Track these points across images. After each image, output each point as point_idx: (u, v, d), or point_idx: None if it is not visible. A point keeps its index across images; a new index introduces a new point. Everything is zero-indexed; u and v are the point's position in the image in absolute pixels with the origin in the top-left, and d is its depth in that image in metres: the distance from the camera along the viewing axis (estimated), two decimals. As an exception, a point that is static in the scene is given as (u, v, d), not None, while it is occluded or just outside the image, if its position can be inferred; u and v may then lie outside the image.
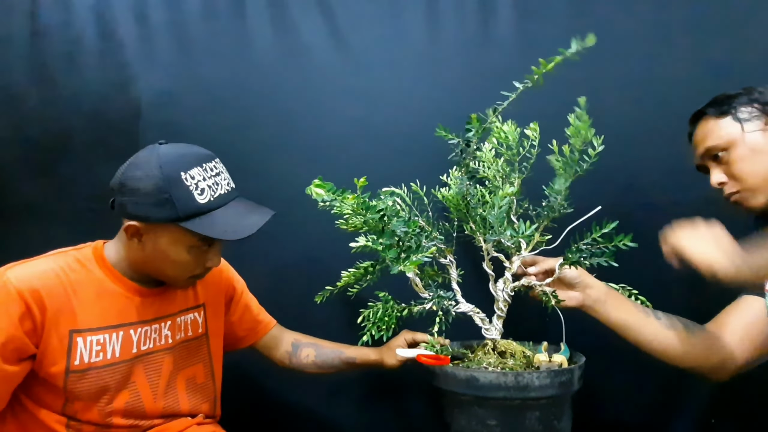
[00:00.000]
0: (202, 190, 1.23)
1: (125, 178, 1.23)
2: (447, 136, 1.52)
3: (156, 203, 1.19)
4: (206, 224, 1.21)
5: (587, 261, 1.33)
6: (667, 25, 1.70)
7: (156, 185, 1.19)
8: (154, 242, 1.24)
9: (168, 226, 1.22)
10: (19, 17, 1.82)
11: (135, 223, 1.22)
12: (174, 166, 1.21)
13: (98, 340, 1.23)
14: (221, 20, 1.84)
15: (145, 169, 1.22)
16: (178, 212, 1.19)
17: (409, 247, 1.15)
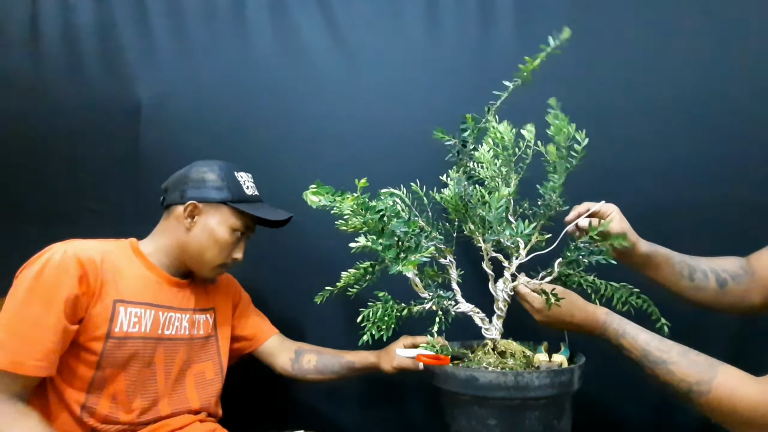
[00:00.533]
0: (248, 186, 1.52)
1: (190, 173, 1.49)
2: (444, 137, 1.52)
3: (216, 188, 1.47)
4: (251, 208, 1.48)
5: (585, 259, 1.33)
6: (667, 25, 1.70)
7: (218, 174, 1.48)
8: (204, 221, 1.46)
9: (221, 207, 1.47)
10: (19, 17, 1.83)
11: (195, 202, 1.45)
12: (229, 166, 1.52)
13: (136, 313, 1.37)
14: (221, 20, 1.84)
15: (209, 165, 1.50)
16: (232, 195, 1.47)
17: (408, 248, 1.15)
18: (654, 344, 1.15)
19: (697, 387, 1.05)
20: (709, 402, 1.03)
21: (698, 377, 1.05)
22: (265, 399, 1.81)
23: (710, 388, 1.03)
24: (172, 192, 1.49)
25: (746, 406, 0.99)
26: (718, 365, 1.06)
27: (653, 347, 1.14)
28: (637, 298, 1.36)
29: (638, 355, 1.16)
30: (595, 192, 1.57)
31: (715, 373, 1.04)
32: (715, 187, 1.60)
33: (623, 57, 1.72)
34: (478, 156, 1.45)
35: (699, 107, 1.66)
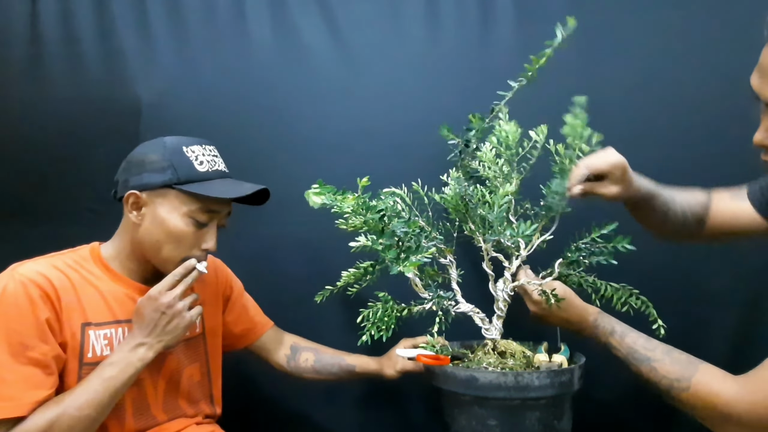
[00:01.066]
0: (201, 162, 1.30)
1: (131, 157, 1.33)
2: (449, 136, 1.52)
3: (158, 170, 1.27)
4: (203, 188, 1.27)
5: (586, 260, 1.33)
6: (667, 25, 1.70)
7: (160, 154, 1.28)
8: (153, 212, 1.27)
9: (167, 192, 1.27)
10: (19, 17, 1.82)
11: (135, 192, 1.27)
12: (177, 141, 1.31)
13: (105, 335, 1.26)
14: (221, 20, 1.84)
15: (150, 145, 1.32)
16: (178, 176, 1.26)
17: (408, 248, 1.15)
18: (640, 343, 1.18)
19: (677, 384, 1.07)
20: (688, 398, 1.05)
21: (678, 374, 1.08)
22: (265, 399, 1.81)
23: (689, 385, 1.05)
24: (119, 184, 1.33)
25: (724, 403, 1.00)
26: (698, 363, 1.08)
27: (639, 345, 1.17)
28: (636, 299, 1.36)
29: (624, 353, 1.19)
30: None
31: (695, 370, 1.07)
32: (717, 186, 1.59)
33: (623, 57, 1.72)
34: (481, 155, 1.45)
35: (699, 107, 1.66)
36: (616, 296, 1.37)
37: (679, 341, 1.18)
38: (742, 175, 1.51)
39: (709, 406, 1.02)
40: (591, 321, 1.27)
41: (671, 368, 1.10)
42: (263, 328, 1.62)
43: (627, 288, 1.39)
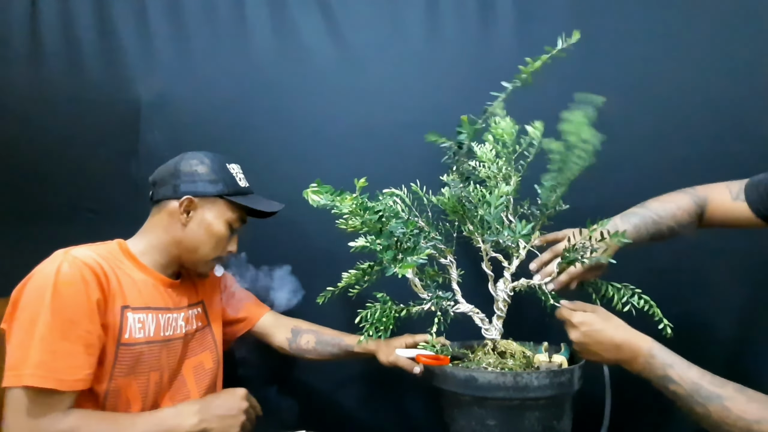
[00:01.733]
0: (240, 178, 1.50)
1: (181, 165, 1.45)
2: (438, 140, 1.51)
3: (210, 181, 1.44)
4: (248, 201, 1.47)
5: (585, 258, 1.32)
6: (667, 25, 1.70)
7: (210, 167, 1.45)
8: (201, 216, 1.43)
9: (216, 200, 1.44)
10: (19, 17, 1.83)
11: (189, 197, 1.42)
12: (220, 158, 1.49)
13: (140, 318, 1.35)
14: (221, 20, 1.84)
15: (198, 158, 1.46)
16: (228, 188, 1.45)
17: (406, 249, 1.15)
18: (707, 378, 1.07)
19: (758, 426, 0.97)
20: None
21: (758, 415, 0.98)
22: (265, 399, 1.81)
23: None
24: (163, 186, 1.45)
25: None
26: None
27: (706, 381, 1.06)
28: (638, 299, 1.34)
29: (687, 390, 1.07)
30: (595, 191, 1.57)
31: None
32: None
33: (623, 57, 1.71)
34: (480, 155, 1.45)
35: (699, 107, 1.66)
36: (617, 296, 1.35)
37: (679, 341, 1.17)
38: (741, 175, 1.51)
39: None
40: (646, 349, 1.14)
41: (748, 407, 0.99)
42: (261, 312, 1.69)
43: (629, 287, 1.37)
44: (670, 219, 1.36)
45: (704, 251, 1.59)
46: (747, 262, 1.63)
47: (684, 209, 1.37)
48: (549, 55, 1.22)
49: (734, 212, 1.33)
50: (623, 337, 1.17)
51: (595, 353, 1.21)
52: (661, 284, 1.48)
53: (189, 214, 1.43)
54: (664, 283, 1.50)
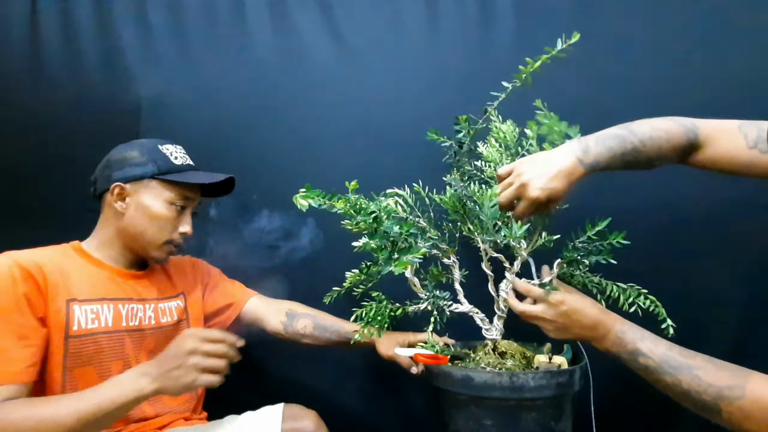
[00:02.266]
0: (176, 157, 1.46)
1: (110, 157, 1.46)
2: (438, 139, 1.51)
3: (139, 164, 1.42)
4: (182, 177, 1.43)
5: (585, 259, 1.31)
6: (667, 26, 1.69)
7: (139, 151, 1.44)
8: (137, 201, 1.41)
9: (149, 182, 1.42)
10: (19, 17, 1.83)
11: (121, 184, 1.41)
12: (152, 141, 1.48)
13: (92, 309, 1.34)
14: (221, 21, 1.84)
15: (127, 146, 1.46)
16: (158, 167, 1.42)
17: (402, 248, 1.15)
18: (676, 350, 1.08)
19: (729, 391, 0.97)
20: (742, 407, 0.96)
21: (729, 381, 0.98)
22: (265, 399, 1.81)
23: (744, 393, 0.96)
24: (99, 180, 1.46)
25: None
26: (748, 371, 0.99)
27: (676, 352, 1.07)
28: (645, 299, 1.32)
29: (657, 361, 1.08)
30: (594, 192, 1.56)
31: (748, 377, 0.98)
32: (714, 187, 1.58)
33: (623, 56, 1.71)
34: (486, 155, 1.45)
35: (700, 107, 1.64)
36: (623, 296, 1.34)
37: (679, 341, 1.16)
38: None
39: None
40: (618, 326, 1.16)
41: (719, 374, 1.00)
42: (245, 297, 1.66)
43: (635, 288, 1.36)
44: (654, 150, 1.22)
45: (703, 251, 1.58)
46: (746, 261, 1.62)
47: (673, 144, 1.23)
48: (548, 56, 1.22)
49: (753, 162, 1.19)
50: (598, 315, 1.18)
51: (569, 331, 1.20)
52: (660, 284, 1.47)
53: (125, 201, 1.42)
54: (662, 283, 1.48)
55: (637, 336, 1.13)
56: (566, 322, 1.19)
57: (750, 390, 0.96)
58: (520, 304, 1.25)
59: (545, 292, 1.21)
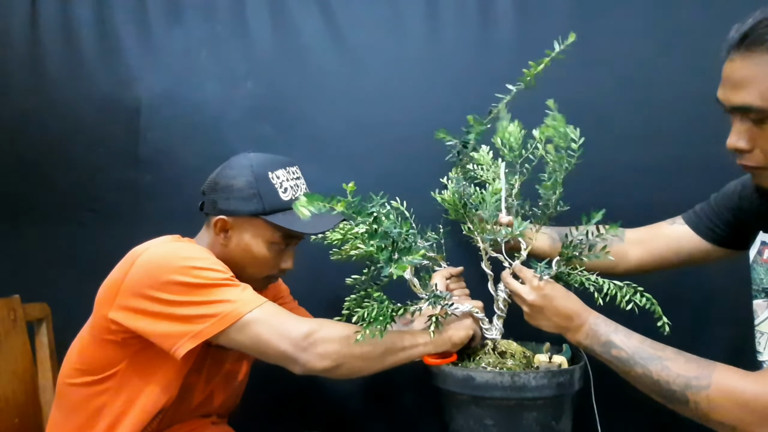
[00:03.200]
0: (285, 189, 1.36)
1: (219, 178, 1.37)
2: (446, 138, 1.51)
3: (245, 198, 1.33)
4: (287, 219, 1.33)
5: (582, 256, 1.32)
6: (667, 26, 1.69)
7: (247, 181, 1.33)
8: (239, 237, 1.35)
9: (253, 220, 1.34)
10: (19, 18, 1.83)
11: (224, 218, 1.34)
12: (263, 167, 1.35)
13: None
14: (221, 20, 1.84)
15: (238, 169, 1.36)
16: (264, 206, 1.33)
17: (402, 249, 1.15)
18: (648, 342, 1.12)
19: (696, 381, 1.01)
20: (709, 396, 0.99)
21: (696, 372, 1.01)
22: (266, 399, 1.81)
23: (710, 382, 0.99)
24: (207, 200, 1.39)
25: (750, 397, 0.95)
26: (714, 362, 1.03)
27: (647, 345, 1.11)
28: (641, 296, 1.33)
29: (629, 353, 1.11)
30: (594, 191, 1.57)
31: (714, 367, 1.01)
32: (714, 186, 1.59)
33: (623, 56, 1.71)
34: (478, 158, 1.45)
35: (699, 107, 1.65)
36: (620, 294, 1.34)
37: (678, 341, 1.16)
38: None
39: (733, 404, 0.97)
40: (591, 319, 1.20)
41: (687, 366, 1.03)
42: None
43: (631, 286, 1.36)
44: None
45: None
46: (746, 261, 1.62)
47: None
48: (549, 58, 1.22)
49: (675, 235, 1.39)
50: (575, 307, 1.22)
51: (545, 318, 1.24)
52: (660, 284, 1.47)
53: (227, 234, 1.36)
54: (662, 283, 1.49)
55: (610, 329, 1.16)
56: (545, 305, 1.23)
57: (716, 379, 0.99)
58: (508, 276, 1.32)
59: (534, 274, 1.26)
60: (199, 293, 1.22)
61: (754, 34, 0.97)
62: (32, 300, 1.60)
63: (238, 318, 1.20)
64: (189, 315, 1.21)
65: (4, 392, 1.50)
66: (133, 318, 1.23)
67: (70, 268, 1.73)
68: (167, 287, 1.21)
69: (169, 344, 1.21)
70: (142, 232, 1.48)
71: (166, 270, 1.22)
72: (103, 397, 1.28)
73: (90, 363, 1.30)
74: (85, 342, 1.32)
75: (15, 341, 1.55)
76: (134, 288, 1.23)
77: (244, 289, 1.26)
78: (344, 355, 1.24)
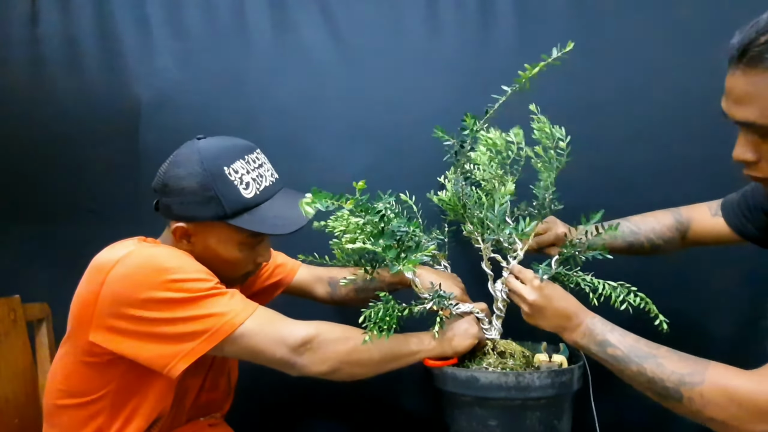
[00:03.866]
0: (246, 184, 1.22)
1: (167, 178, 1.23)
2: (443, 137, 1.52)
3: (202, 201, 1.19)
4: (255, 220, 1.22)
5: (582, 255, 1.34)
6: (667, 26, 1.70)
7: (200, 183, 1.19)
8: (203, 242, 1.24)
9: (216, 224, 1.22)
10: (19, 18, 1.83)
11: (183, 225, 1.22)
12: (216, 162, 1.20)
13: None
14: (221, 20, 1.84)
15: (187, 166, 1.21)
16: (225, 209, 1.19)
17: (409, 247, 1.16)
18: (643, 342, 1.13)
19: (690, 378, 1.02)
20: (702, 393, 1.00)
21: (691, 369, 1.03)
22: (266, 400, 1.81)
23: (704, 379, 1.00)
24: (162, 203, 1.27)
25: (744, 394, 0.96)
26: (708, 361, 1.04)
27: (642, 344, 1.12)
28: (635, 296, 1.34)
29: (625, 351, 1.12)
30: (594, 191, 1.58)
31: (707, 364, 1.03)
32: (715, 186, 1.60)
33: (623, 56, 1.71)
34: (475, 158, 1.46)
35: (699, 107, 1.66)
36: (614, 294, 1.35)
37: (677, 341, 1.17)
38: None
39: (726, 400, 0.98)
40: (588, 319, 1.21)
41: (681, 363, 1.05)
42: (295, 269, 1.60)
43: (625, 286, 1.37)
44: (649, 231, 1.46)
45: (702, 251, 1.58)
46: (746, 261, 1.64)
47: (664, 224, 1.45)
48: (545, 63, 1.23)
49: (715, 228, 1.41)
50: (575, 308, 1.24)
51: (545, 318, 1.26)
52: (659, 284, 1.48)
53: (190, 239, 1.25)
54: (661, 283, 1.50)
55: (606, 328, 1.18)
56: (544, 305, 1.25)
57: (709, 376, 1.00)
58: (510, 276, 1.33)
59: (534, 275, 1.28)
60: (185, 309, 1.13)
61: (752, 51, 0.96)
62: (32, 300, 1.60)
63: (231, 331, 1.14)
64: (178, 333, 1.13)
65: (4, 392, 1.49)
66: (115, 340, 1.15)
67: (70, 268, 1.71)
68: (149, 305, 1.13)
69: (161, 365, 1.14)
70: (142, 232, 1.48)
71: (145, 286, 1.13)
72: (98, 419, 1.22)
73: (77, 385, 1.22)
74: (68, 364, 1.24)
75: (15, 341, 1.54)
76: (112, 307, 1.14)
77: (231, 296, 1.18)
78: (342, 360, 1.22)
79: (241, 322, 1.15)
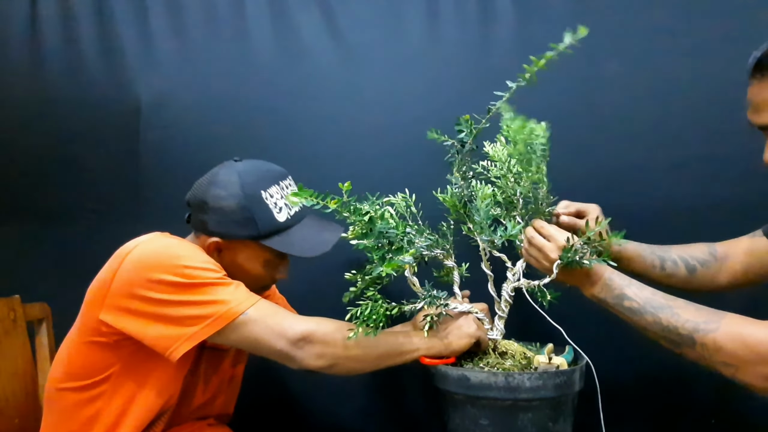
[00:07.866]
0: (280, 208, 1.33)
1: (208, 197, 1.32)
2: (439, 138, 1.51)
3: (239, 222, 1.30)
4: (285, 242, 1.32)
5: (585, 260, 1.31)
6: (667, 26, 1.68)
7: (239, 204, 1.29)
8: (232, 257, 1.34)
9: (248, 242, 1.32)
10: (19, 18, 1.84)
11: (217, 240, 1.31)
12: (255, 186, 1.32)
13: None
14: (221, 20, 1.84)
15: (228, 188, 1.31)
16: (259, 230, 1.30)
17: (398, 248, 1.15)
18: (659, 294, 1.16)
19: (705, 325, 1.05)
20: (716, 339, 1.03)
21: (706, 317, 1.06)
22: (266, 399, 1.81)
23: (719, 326, 1.04)
24: (194, 215, 1.36)
25: (756, 339, 0.99)
26: (724, 312, 1.08)
27: (659, 296, 1.15)
28: None
29: (641, 303, 1.15)
30: (594, 191, 1.56)
31: (724, 314, 1.06)
32: (714, 187, 1.58)
33: (624, 56, 1.70)
34: (492, 154, 1.45)
35: (699, 107, 1.64)
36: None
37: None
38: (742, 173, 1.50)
39: (739, 345, 1.01)
40: (606, 274, 1.23)
41: (697, 312, 1.08)
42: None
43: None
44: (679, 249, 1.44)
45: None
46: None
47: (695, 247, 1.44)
48: (555, 52, 1.21)
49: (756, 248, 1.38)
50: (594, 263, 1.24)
51: (566, 274, 1.26)
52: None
53: (220, 253, 1.34)
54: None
55: (624, 282, 1.20)
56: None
57: (725, 323, 1.04)
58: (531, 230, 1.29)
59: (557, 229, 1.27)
60: (191, 293, 1.20)
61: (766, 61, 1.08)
62: (32, 300, 1.61)
63: (233, 318, 1.20)
64: (182, 316, 1.19)
65: (4, 392, 1.50)
66: (124, 319, 1.21)
67: (70, 268, 1.73)
68: (158, 286, 1.19)
69: (164, 347, 1.20)
70: (142, 232, 1.48)
71: (157, 268, 1.20)
72: (97, 403, 1.26)
73: (81, 367, 1.27)
74: (74, 345, 1.29)
75: (15, 341, 1.55)
76: (124, 287, 1.21)
77: (237, 287, 1.25)
78: (339, 356, 1.25)
79: (244, 310, 1.20)
